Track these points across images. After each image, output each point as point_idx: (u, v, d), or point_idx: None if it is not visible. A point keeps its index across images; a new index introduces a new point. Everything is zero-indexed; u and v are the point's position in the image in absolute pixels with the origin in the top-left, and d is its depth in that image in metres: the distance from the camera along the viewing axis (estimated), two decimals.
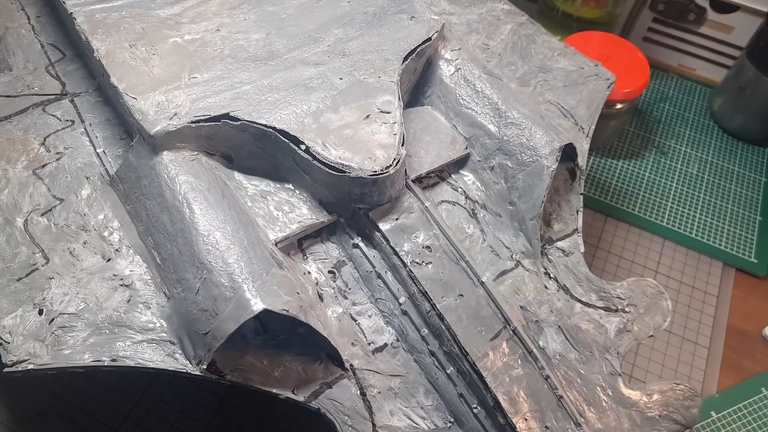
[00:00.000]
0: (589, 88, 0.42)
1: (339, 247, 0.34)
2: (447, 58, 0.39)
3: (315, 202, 0.33)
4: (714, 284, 0.53)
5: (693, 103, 0.66)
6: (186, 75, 0.34)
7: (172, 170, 0.31)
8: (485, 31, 0.46)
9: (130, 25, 0.35)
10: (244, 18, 0.38)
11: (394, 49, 0.36)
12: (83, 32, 0.35)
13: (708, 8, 0.63)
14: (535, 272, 0.36)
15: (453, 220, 0.36)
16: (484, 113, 0.37)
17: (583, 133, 0.40)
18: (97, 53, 0.34)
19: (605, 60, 0.53)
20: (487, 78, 0.38)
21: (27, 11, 0.42)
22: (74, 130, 0.36)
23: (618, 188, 0.58)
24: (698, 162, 0.61)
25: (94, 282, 0.30)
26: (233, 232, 0.29)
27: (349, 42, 0.37)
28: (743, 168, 0.61)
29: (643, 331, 0.34)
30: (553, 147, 0.35)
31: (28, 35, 0.41)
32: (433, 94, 0.39)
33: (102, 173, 0.35)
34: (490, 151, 0.37)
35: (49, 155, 0.35)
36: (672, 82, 0.68)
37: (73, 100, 0.38)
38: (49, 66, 0.39)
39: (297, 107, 0.33)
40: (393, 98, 0.34)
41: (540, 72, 0.43)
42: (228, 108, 0.32)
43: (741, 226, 0.57)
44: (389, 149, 0.32)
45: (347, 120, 0.32)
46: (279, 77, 0.34)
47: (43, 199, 0.33)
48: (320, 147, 0.31)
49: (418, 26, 0.38)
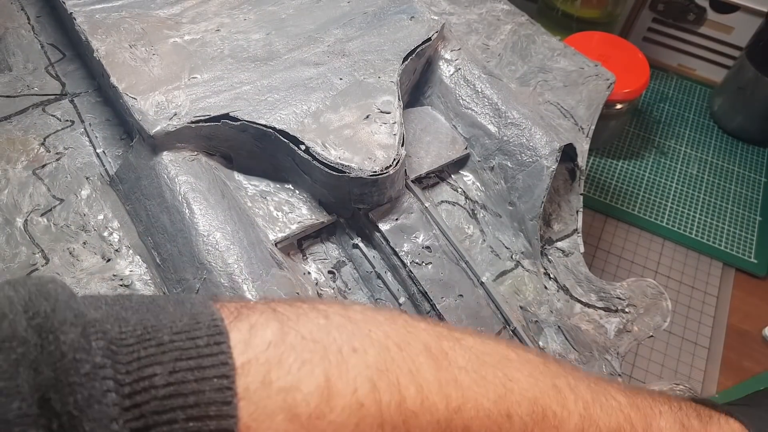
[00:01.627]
0: (589, 89, 0.42)
1: (339, 247, 0.34)
2: (447, 58, 0.39)
3: (315, 203, 0.33)
4: (714, 284, 0.53)
5: (693, 104, 0.66)
6: (186, 75, 0.33)
7: (171, 170, 0.31)
8: (485, 31, 0.46)
9: (130, 26, 0.35)
10: (244, 18, 0.38)
11: (394, 50, 0.36)
12: (83, 32, 0.35)
13: (708, 8, 0.63)
14: (535, 272, 0.35)
15: (453, 220, 0.36)
16: (484, 113, 0.37)
17: (583, 134, 0.40)
18: (97, 53, 0.34)
19: (605, 60, 0.53)
20: (487, 78, 0.38)
21: (27, 11, 0.42)
22: (74, 131, 0.36)
23: (618, 188, 0.58)
24: (698, 162, 0.61)
25: (93, 282, 0.30)
26: (233, 233, 0.29)
27: (348, 42, 0.37)
28: (743, 168, 0.61)
29: (642, 331, 0.34)
30: (553, 147, 0.35)
31: (28, 35, 0.41)
32: (433, 95, 0.39)
33: (102, 173, 0.35)
34: (489, 151, 0.37)
35: (49, 155, 0.35)
36: (672, 82, 0.68)
37: (72, 100, 0.38)
38: (49, 66, 0.39)
39: (297, 107, 0.33)
40: (393, 98, 0.34)
41: (540, 72, 0.43)
42: (228, 108, 0.32)
43: (741, 227, 0.57)
44: (389, 149, 0.32)
45: (347, 120, 0.32)
46: (279, 77, 0.34)
47: (42, 200, 0.33)
48: (320, 147, 0.31)
49: (418, 26, 0.38)
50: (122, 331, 0.16)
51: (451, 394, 0.19)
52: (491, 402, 0.20)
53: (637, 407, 0.24)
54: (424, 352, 0.20)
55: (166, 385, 0.15)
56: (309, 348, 0.18)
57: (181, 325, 0.17)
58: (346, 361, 0.18)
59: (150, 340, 0.16)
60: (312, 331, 0.18)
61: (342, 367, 0.18)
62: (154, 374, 0.15)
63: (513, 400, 0.20)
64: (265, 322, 0.18)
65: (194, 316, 0.17)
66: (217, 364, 0.16)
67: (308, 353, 0.18)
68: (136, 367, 0.15)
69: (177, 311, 0.17)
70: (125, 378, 0.15)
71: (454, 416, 0.19)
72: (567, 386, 0.22)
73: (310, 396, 0.17)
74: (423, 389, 0.19)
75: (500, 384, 0.21)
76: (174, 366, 0.16)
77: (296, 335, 0.18)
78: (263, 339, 0.17)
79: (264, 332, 0.17)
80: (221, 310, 0.18)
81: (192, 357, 0.16)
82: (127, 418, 0.15)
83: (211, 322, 0.17)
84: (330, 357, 0.18)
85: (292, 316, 0.18)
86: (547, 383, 0.22)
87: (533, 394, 0.21)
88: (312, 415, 0.17)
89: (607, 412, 0.23)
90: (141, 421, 0.15)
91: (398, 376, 0.19)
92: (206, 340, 0.16)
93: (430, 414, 0.19)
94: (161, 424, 0.15)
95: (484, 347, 0.22)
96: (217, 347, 0.16)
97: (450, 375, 0.20)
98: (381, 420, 0.18)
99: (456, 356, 0.20)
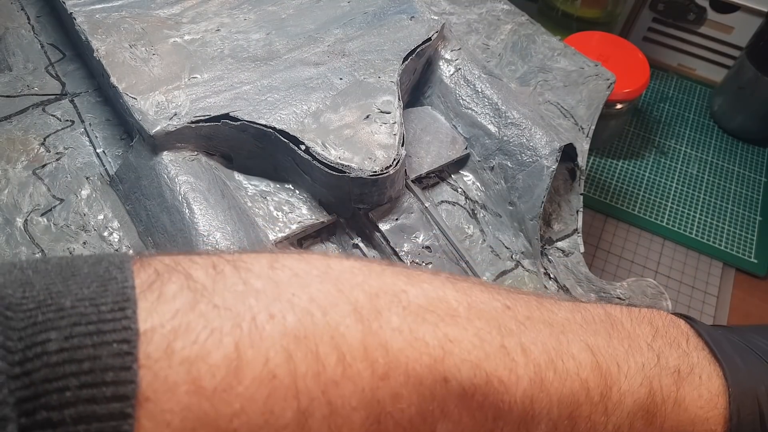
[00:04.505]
0: (589, 88, 0.42)
1: (339, 247, 0.34)
2: (447, 58, 0.39)
3: (315, 202, 0.33)
4: (714, 284, 0.53)
5: (693, 103, 0.66)
6: (186, 75, 0.33)
7: (171, 170, 0.31)
8: (485, 31, 0.46)
9: (130, 25, 0.35)
10: (244, 18, 0.38)
11: (394, 49, 0.36)
12: (83, 32, 0.35)
13: (708, 8, 0.63)
14: (535, 272, 0.35)
15: (453, 220, 0.36)
16: (484, 113, 0.37)
17: (583, 133, 0.40)
18: (97, 53, 0.34)
19: (605, 60, 0.53)
20: (487, 78, 0.38)
21: (27, 11, 0.42)
22: (74, 130, 0.36)
23: (618, 188, 0.58)
24: (698, 162, 0.61)
25: None
26: (233, 233, 0.29)
27: (349, 42, 0.37)
28: (743, 168, 0.61)
29: None
30: (553, 147, 0.35)
31: (28, 35, 0.41)
32: (433, 95, 0.39)
33: (102, 173, 0.35)
34: (490, 151, 0.37)
35: (49, 155, 0.35)
36: (672, 82, 0.68)
37: (73, 100, 0.38)
38: (49, 66, 0.39)
39: (297, 107, 0.33)
40: (393, 98, 0.34)
41: (540, 72, 0.43)
42: (228, 108, 0.32)
43: (741, 227, 0.57)
44: (389, 149, 0.32)
45: (347, 120, 0.32)
46: (279, 77, 0.34)
47: (42, 199, 0.33)
48: (320, 147, 0.31)
49: (418, 26, 0.38)
50: (25, 296, 0.15)
51: (378, 359, 0.18)
52: (425, 367, 0.18)
53: (599, 368, 0.21)
54: (351, 315, 0.18)
55: (59, 350, 0.14)
56: (220, 316, 0.16)
57: (88, 292, 0.16)
58: (260, 330, 0.16)
59: (50, 305, 0.15)
60: (226, 299, 0.17)
61: (254, 335, 0.16)
62: (48, 340, 0.14)
63: (451, 364, 0.19)
64: (177, 291, 0.17)
65: (104, 282, 0.16)
66: (119, 329, 0.15)
67: (218, 321, 0.16)
68: (30, 333, 0.14)
69: (90, 273, 0.16)
70: (17, 345, 0.14)
71: (380, 384, 0.17)
72: (518, 347, 0.20)
73: (217, 368, 0.15)
74: (345, 357, 0.17)
75: (438, 346, 0.19)
76: (71, 331, 0.15)
77: (208, 304, 0.17)
78: (171, 307, 0.16)
79: (173, 301, 0.16)
80: (139, 272, 0.17)
81: (92, 322, 0.15)
82: (15, 386, 0.14)
83: (119, 289, 0.16)
84: (243, 325, 0.16)
85: (209, 284, 0.17)
86: (494, 344, 0.20)
87: (476, 357, 0.19)
88: (218, 388, 0.15)
89: (561, 376, 0.21)
90: (30, 389, 0.14)
91: (318, 343, 0.17)
92: (110, 306, 0.15)
93: (353, 383, 0.17)
94: (51, 392, 0.14)
95: (429, 300, 0.20)
96: (120, 313, 0.15)
97: (378, 339, 0.18)
98: (296, 391, 0.16)
99: (390, 316, 0.19)
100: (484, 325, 0.20)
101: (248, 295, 0.17)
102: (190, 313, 0.16)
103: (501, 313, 0.21)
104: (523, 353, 0.20)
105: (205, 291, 0.17)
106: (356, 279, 0.19)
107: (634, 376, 0.22)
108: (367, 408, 0.17)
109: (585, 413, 0.21)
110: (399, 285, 0.20)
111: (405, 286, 0.20)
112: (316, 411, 0.17)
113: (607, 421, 0.21)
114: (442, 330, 0.19)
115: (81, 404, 0.14)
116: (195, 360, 0.15)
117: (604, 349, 0.22)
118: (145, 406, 0.14)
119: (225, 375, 0.16)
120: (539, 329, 0.21)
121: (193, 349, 0.15)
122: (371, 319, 0.18)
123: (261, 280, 0.18)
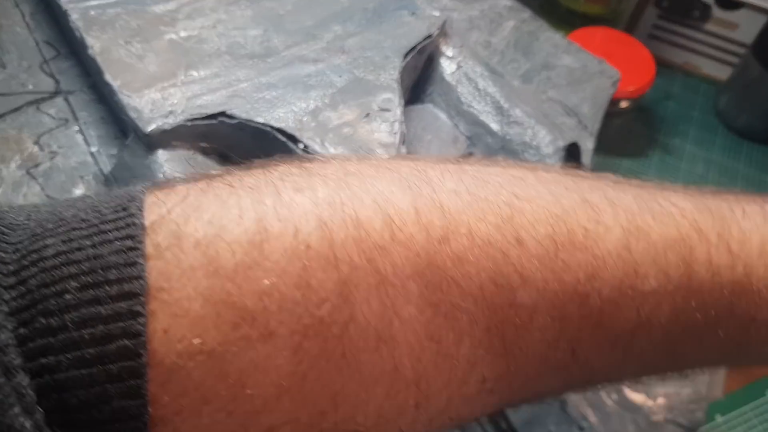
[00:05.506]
0: (593, 86, 0.41)
1: None
2: (448, 55, 0.38)
3: None
4: None
5: (698, 101, 0.65)
6: (182, 72, 0.33)
7: (167, 169, 0.30)
8: (487, 27, 0.45)
9: (125, 22, 0.35)
10: (241, 14, 0.37)
11: (395, 46, 0.36)
12: (78, 29, 0.34)
13: (713, 5, 0.62)
14: None
15: None
16: (486, 111, 0.37)
17: (588, 132, 0.40)
18: (92, 50, 0.33)
19: (609, 57, 0.53)
20: (489, 75, 0.37)
21: (21, 8, 0.42)
22: (68, 129, 0.36)
23: None
24: (703, 161, 0.60)
25: None
26: None
27: (348, 39, 0.36)
28: (749, 167, 0.60)
29: None
30: (557, 146, 0.35)
31: (23, 32, 0.40)
32: (434, 92, 0.39)
33: (96, 173, 0.34)
34: (492, 150, 0.37)
35: (43, 154, 0.34)
36: (677, 79, 0.67)
37: (67, 98, 0.37)
38: (44, 63, 0.39)
39: (295, 105, 0.32)
40: (393, 96, 0.33)
41: (543, 69, 0.43)
42: (225, 106, 0.31)
43: None
44: (389, 148, 0.31)
45: (346, 118, 0.32)
46: (277, 75, 0.34)
47: (36, 199, 0.32)
48: (319, 146, 0.30)
49: (419, 23, 0.37)
50: (29, 218, 0.14)
51: (433, 221, 0.15)
52: (492, 226, 0.16)
53: (709, 210, 0.19)
54: (397, 182, 0.16)
55: (56, 254, 0.13)
56: (238, 194, 0.15)
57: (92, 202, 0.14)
58: (287, 203, 0.15)
59: (51, 220, 0.14)
60: (245, 181, 0.15)
61: (281, 209, 0.15)
62: (45, 246, 0.13)
63: (524, 222, 0.16)
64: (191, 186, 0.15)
65: (112, 196, 0.15)
66: (122, 227, 0.14)
67: (235, 199, 0.15)
68: (27, 244, 0.13)
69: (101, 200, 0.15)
70: (11, 256, 0.13)
71: (439, 247, 0.15)
72: (603, 199, 0.17)
73: (238, 244, 0.14)
74: (393, 221, 0.15)
75: (505, 204, 0.16)
76: (69, 235, 0.13)
77: (223, 186, 0.15)
78: (181, 194, 0.15)
79: (185, 190, 0.15)
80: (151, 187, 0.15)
81: (93, 225, 0.14)
82: (11, 296, 0.13)
83: (124, 192, 0.14)
84: (266, 201, 0.15)
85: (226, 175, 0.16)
86: (573, 199, 0.17)
87: (553, 212, 0.16)
88: (241, 266, 0.14)
89: (662, 221, 0.18)
90: (27, 297, 0.13)
91: (357, 209, 0.15)
92: (113, 208, 0.14)
93: (405, 247, 0.15)
94: (49, 296, 0.13)
95: (488, 168, 0.17)
96: (123, 212, 0.14)
97: (432, 201, 0.16)
98: (335, 260, 0.14)
99: (444, 180, 0.16)
100: (557, 185, 0.18)
101: (272, 176, 0.16)
102: (202, 197, 0.15)
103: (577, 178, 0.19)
104: (610, 204, 0.17)
105: (221, 178, 0.16)
106: (398, 161, 0.17)
107: (753, 215, 0.19)
108: (423, 276, 0.15)
109: (702, 256, 0.18)
110: (449, 164, 0.18)
111: (456, 164, 0.18)
112: (361, 281, 0.15)
113: (734, 263, 0.18)
114: (508, 189, 0.17)
115: (83, 307, 0.13)
116: (211, 240, 0.14)
117: (708, 200, 0.19)
118: (159, 297, 0.13)
119: (248, 251, 0.14)
120: (625, 189, 0.19)
121: (208, 230, 0.14)
122: (421, 185, 0.16)
123: (284, 165, 0.17)
